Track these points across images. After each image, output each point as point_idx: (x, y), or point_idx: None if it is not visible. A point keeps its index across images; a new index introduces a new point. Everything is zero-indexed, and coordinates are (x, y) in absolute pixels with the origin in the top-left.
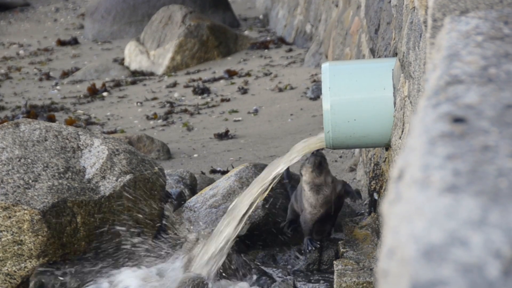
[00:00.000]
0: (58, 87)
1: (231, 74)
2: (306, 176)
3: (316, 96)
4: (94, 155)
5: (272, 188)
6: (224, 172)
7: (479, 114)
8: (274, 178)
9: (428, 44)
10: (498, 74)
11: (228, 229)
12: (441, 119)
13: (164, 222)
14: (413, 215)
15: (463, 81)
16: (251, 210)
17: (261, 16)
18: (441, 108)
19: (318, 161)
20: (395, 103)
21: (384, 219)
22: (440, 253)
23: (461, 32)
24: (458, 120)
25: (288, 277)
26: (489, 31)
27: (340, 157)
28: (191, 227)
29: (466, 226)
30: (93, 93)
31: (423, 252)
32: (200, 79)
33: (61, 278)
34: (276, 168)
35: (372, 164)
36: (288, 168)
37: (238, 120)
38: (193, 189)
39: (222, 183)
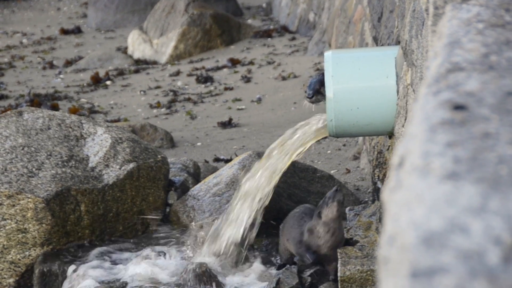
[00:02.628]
0: (61, 76)
1: (234, 62)
2: (329, 217)
3: None
4: (97, 144)
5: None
6: (227, 161)
7: (479, 102)
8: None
9: (430, 32)
10: (499, 61)
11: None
12: (441, 107)
13: (167, 210)
14: (413, 202)
15: (464, 68)
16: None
17: (264, 5)
18: (442, 96)
19: (343, 200)
20: (398, 91)
21: (385, 206)
22: (440, 240)
23: (462, 19)
24: (458, 107)
25: (292, 265)
26: (490, 18)
27: (344, 145)
28: (195, 215)
29: (466, 213)
30: (97, 81)
31: (423, 239)
32: (203, 67)
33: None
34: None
35: (376, 152)
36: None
37: (242, 109)
38: (197, 177)
39: (226, 172)
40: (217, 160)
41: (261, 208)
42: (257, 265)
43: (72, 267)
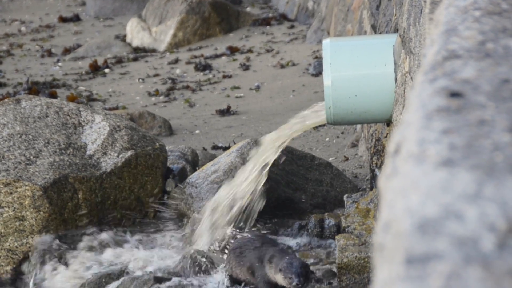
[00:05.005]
0: (60, 64)
1: (233, 50)
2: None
3: (318, 72)
4: (95, 131)
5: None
6: (225, 148)
7: (475, 89)
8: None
9: (427, 20)
10: (496, 49)
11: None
12: (437, 94)
13: (165, 197)
14: (409, 189)
15: (460, 56)
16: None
17: None
18: (438, 83)
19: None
20: (396, 79)
21: (381, 193)
22: (435, 227)
23: (459, 7)
24: (454, 94)
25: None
26: (487, 6)
27: (342, 133)
28: (193, 203)
29: (461, 200)
30: (95, 69)
31: (418, 226)
32: (202, 55)
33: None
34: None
35: (374, 140)
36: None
37: (240, 97)
38: (195, 165)
39: (224, 159)
40: (215, 147)
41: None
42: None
43: (70, 255)
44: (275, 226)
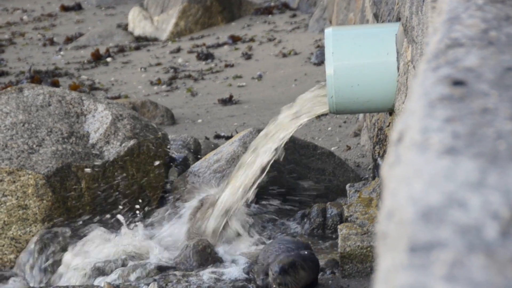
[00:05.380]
0: (62, 53)
1: (235, 39)
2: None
3: (320, 61)
4: (98, 120)
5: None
6: (228, 137)
7: (478, 77)
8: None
9: (430, 8)
10: (499, 37)
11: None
12: (440, 82)
13: (168, 187)
14: (412, 177)
15: (463, 44)
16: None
17: None
18: (441, 71)
19: (283, 282)
20: (398, 68)
21: (384, 182)
22: (438, 215)
23: None
24: (457, 83)
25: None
26: None
27: (344, 122)
28: (195, 192)
29: (464, 188)
30: (97, 58)
31: (421, 214)
32: (204, 44)
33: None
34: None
35: (376, 129)
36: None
37: (242, 86)
38: (197, 154)
39: (226, 148)
40: (217, 137)
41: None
42: (256, 241)
43: (74, 244)
44: (277, 216)
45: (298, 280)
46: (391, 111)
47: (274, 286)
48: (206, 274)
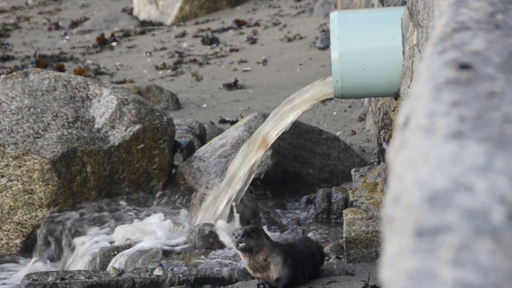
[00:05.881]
0: (67, 37)
1: (240, 24)
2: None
3: (325, 45)
4: (103, 105)
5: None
6: (233, 122)
7: (485, 61)
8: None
9: None
10: (505, 20)
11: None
12: (447, 66)
13: (173, 171)
14: (418, 161)
15: (470, 27)
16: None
17: None
18: (447, 55)
19: (247, 246)
20: (404, 52)
21: (390, 166)
22: (444, 199)
23: None
24: (464, 66)
25: (297, 226)
26: None
27: (350, 107)
28: (201, 177)
29: (470, 172)
30: (102, 43)
31: (428, 198)
32: (209, 29)
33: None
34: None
35: (381, 114)
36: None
37: (247, 70)
38: (202, 139)
39: (231, 133)
40: (222, 121)
41: None
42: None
43: (80, 229)
44: (282, 200)
45: (260, 246)
46: (396, 96)
47: (238, 251)
48: (212, 258)
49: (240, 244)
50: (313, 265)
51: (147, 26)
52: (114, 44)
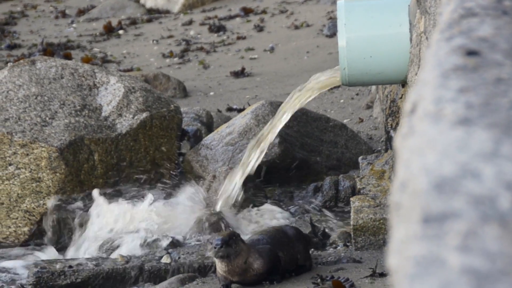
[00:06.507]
0: (74, 25)
1: (247, 11)
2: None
3: (333, 33)
4: (110, 93)
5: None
6: (240, 110)
7: (492, 47)
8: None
9: None
10: None
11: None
12: (454, 52)
13: (181, 159)
14: (425, 148)
15: (477, 14)
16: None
17: None
18: (455, 41)
19: (225, 254)
20: (411, 39)
21: (397, 153)
22: (451, 186)
23: None
24: (471, 53)
25: (305, 214)
26: None
27: (357, 94)
28: (208, 165)
29: (477, 158)
30: (109, 31)
31: (435, 185)
32: (216, 16)
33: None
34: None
35: (389, 101)
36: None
37: (254, 58)
38: (210, 127)
39: (239, 121)
40: (230, 109)
41: None
42: (269, 214)
43: (89, 216)
44: (290, 188)
45: (238, 252)
46: (403, 83)
47: (215, 259)
48: None
49: (218, 254)
50: (290, 252)
51: (154, 14)
52: (121, 32)
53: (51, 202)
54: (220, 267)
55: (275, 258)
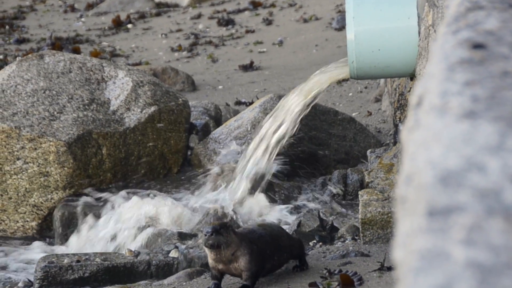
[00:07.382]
0: (83, 19)
1: (255, 5)
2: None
3: (341, 26)
4: (118, 87)
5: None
6: (249, 104)
7: (499, 40)
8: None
9: None
10: None
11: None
12: (460, 46)
13: (189, 153)
14: (431, 141)
15: (483, 7)
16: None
17: None
18: (461, 35)
19: (215, 243)
20: (419, 33)
21: (403, 146)
22: (457, 179)
23: None
24: (477, 46)
25: (313, 207)
26: None
27: (366, 87)
28: (216, 159)
29: (483, 151)
30: (118, 25)
31: (440, 178)
32: (224, 10)
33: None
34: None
35: (397, 95)
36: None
37: (263, 52)
38: (218, 120)
39: (247, 115)
40: (238, 103)
41: None
42: (278, 207)
43: (95, 211)
44: (299, 182)
45: (228, 242)
46: (412, 76)
47: (205, 247)
48: None
49: (208, 242)
50: (279, 248)
51: (162, 8)
52: (129, 26)
53: (59, 196)
54: (210, 255)
55: (260, 263)
